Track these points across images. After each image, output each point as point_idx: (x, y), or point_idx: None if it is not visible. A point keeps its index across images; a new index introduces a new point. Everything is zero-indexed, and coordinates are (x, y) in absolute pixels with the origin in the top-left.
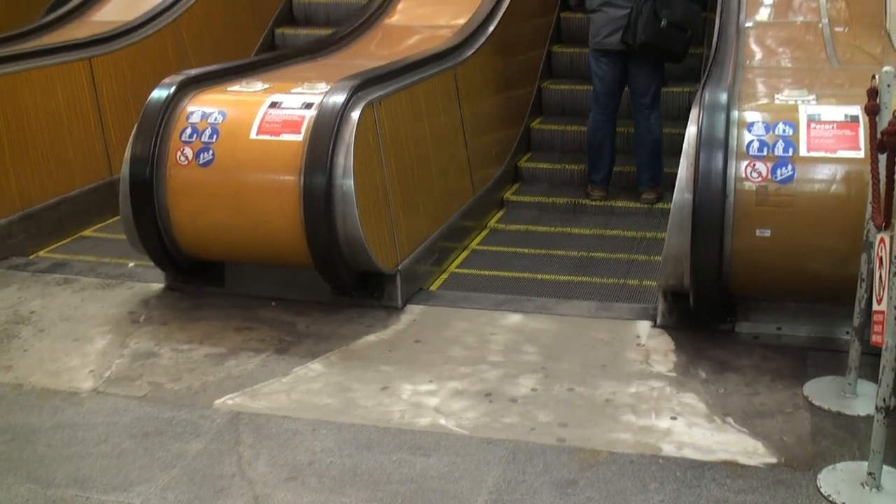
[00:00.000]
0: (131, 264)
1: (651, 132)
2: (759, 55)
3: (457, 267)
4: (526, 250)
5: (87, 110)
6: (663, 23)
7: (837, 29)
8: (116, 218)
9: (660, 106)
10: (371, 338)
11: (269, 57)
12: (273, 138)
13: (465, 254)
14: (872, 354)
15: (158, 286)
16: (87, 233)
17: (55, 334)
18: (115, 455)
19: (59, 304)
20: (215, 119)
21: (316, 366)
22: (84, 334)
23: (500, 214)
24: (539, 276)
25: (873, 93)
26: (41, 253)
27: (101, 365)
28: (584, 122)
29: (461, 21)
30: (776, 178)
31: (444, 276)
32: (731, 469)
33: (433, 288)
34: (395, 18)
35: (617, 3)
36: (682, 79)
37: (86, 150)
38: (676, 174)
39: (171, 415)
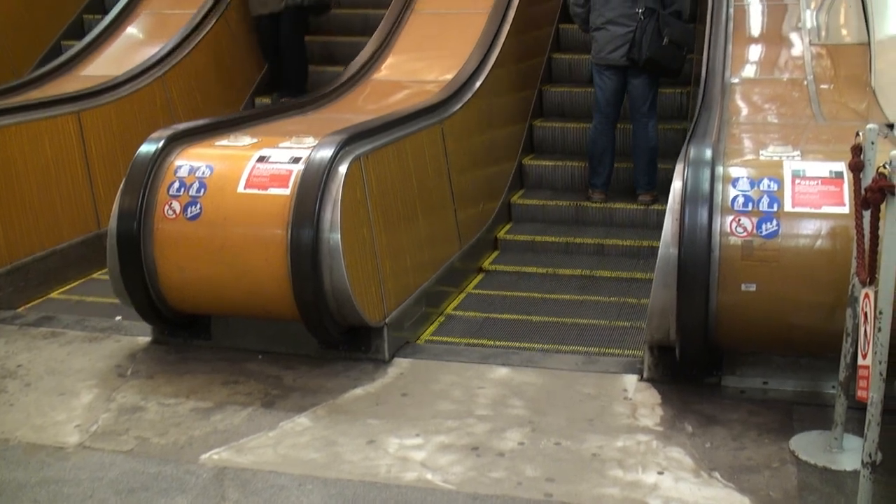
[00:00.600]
0: (118, 318)
1: (648, 139)
2: (744, 111)
3: (453, 309)
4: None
5: (76, 163)
6: (665, 40)
7: (823, 86)
8: (104, 271)
9: (656, 114)
10: (358, 391)
11: (257, 111)
12: (261, 192)
13: (461, 296)
14: (858, 409)
15: (145, 340)
16: (74, 286)
17: (42, 388)
18: None
19: (46, 358)
20: (203, 173)
21: (302, 420)
22: (70, 388)
23: (494, 255)
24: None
25: (857, 150)
26: (28, 306)
27: (87, 419)
28: (575, 160)
29: (448, 76)
30: (761, 233)
31: (433, 326)
32: None
33: (423, 337)
34: (383, 73)
35: (620, 21)
36: (672, 83)
37: (74, 203)
38: (668, 174)
39: (157, 470)
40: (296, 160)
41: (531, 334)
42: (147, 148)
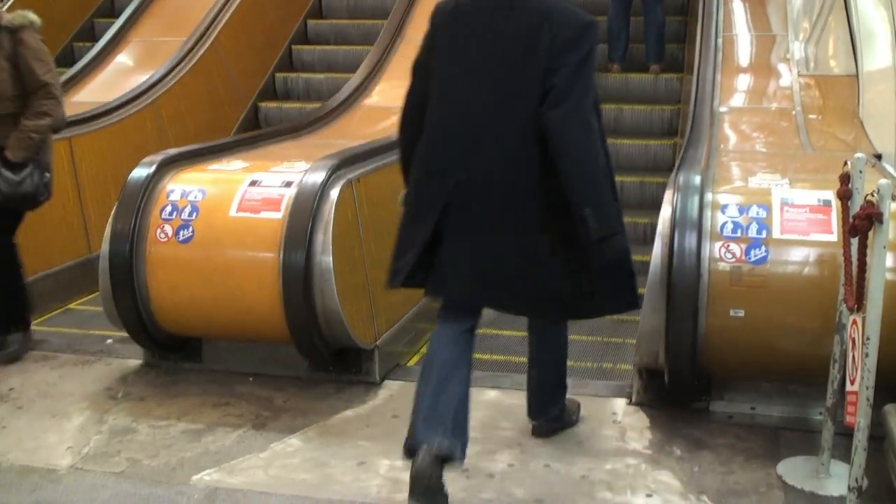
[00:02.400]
0: (109, 341)
1: (657, 19)
2: (733, 140)
3: None
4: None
5: (67, 189)
6: None
7: (811, 116)
8: (95, 295)
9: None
10: (349, 413)
11: (249, 136)
12: (253, 216)
13: None
14: (845, 435)
15: (136, 362)
16: (65, 310)
17: (34, 411)
18: None
19: (38, 381)
20: (195, 197)
21: (293, 441)
22: (62, 411)
23: None
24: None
25: (846, 178)
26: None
27: (79, 441)
28: None
29: None
30: (750, 259)
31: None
32: None
33: (414, 359)
34: (374, 99)
35: None
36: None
37: (65, 227)
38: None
39: (149, 491)
40: (288, 184)
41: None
42: (139, 172)
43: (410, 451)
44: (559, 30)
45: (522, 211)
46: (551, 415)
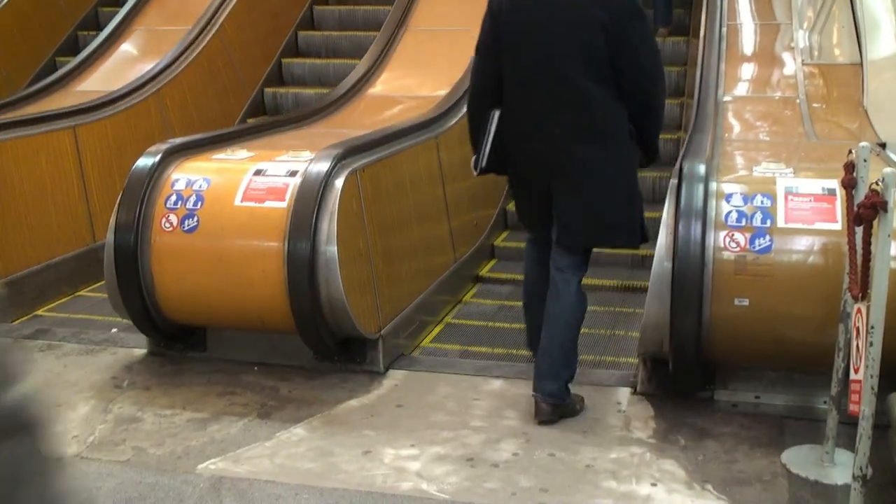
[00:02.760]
0: (114, 330)
1: None
2: (737, 129)
3: (430, 341)
4: (501, 324)
5: (71, 178)
6: None
7: (815, 105)
8: (99, 284)
9: None
10: (353, 402)
11: (254, 125)
12: (257, 205)
13: (439, 328)
14: (850, 424)
15: (141, 352)
16: (69, 299)
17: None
18: None
19: (42, 370)
20: (200, 186)
21: (299, 430)
22: (67, 400)
23: (491, 263)
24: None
25: (850, 167)
26: (24, 319)
27: (84, 430)
28: None
29: (443, 91)
30: (754, 248)
31: (430, 336)
32: None
33: (420, 346)
34: (379, 88)
35: None
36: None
37: (69, 216)
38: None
39: (155, 480)
40: (292, 173)
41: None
42: (144, 161)
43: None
44: (615, 5)
45: (588, 163)
46: (562, 378)
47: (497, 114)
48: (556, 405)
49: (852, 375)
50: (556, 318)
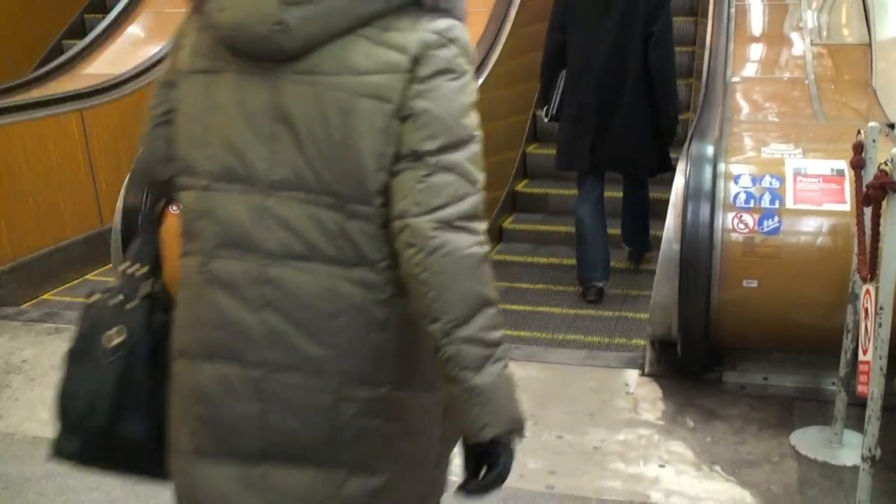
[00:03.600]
0: None
1: None
2: (745, 110)
3: None
4: (510, 307)
5: (78, 161)
6: None
7: (824, 85)
8: (107, 267)
9: None
10: None
11: None
12: None
13: None
14: (858, 405)
15: None
16: (77, 282)
17: (46, 383)
18: (107, 502)
19: (50, 353)
20: None
21: None
22: None
23: (497, 246)
24: (522, 334)
25: (859, 147)
26: (32, 302)
27: None
28: (568, 187)
29: None
30: (763, 229)
31: None
32: None
33: None
34: None
35: None
36: None
37: (76, 200)
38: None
39: None
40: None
41: (536, 325)
42: None
43: (582, 282)
44: None
45: (637, 111)
46: (640, 240)
47: (564, 74)
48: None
49: (861, 357)
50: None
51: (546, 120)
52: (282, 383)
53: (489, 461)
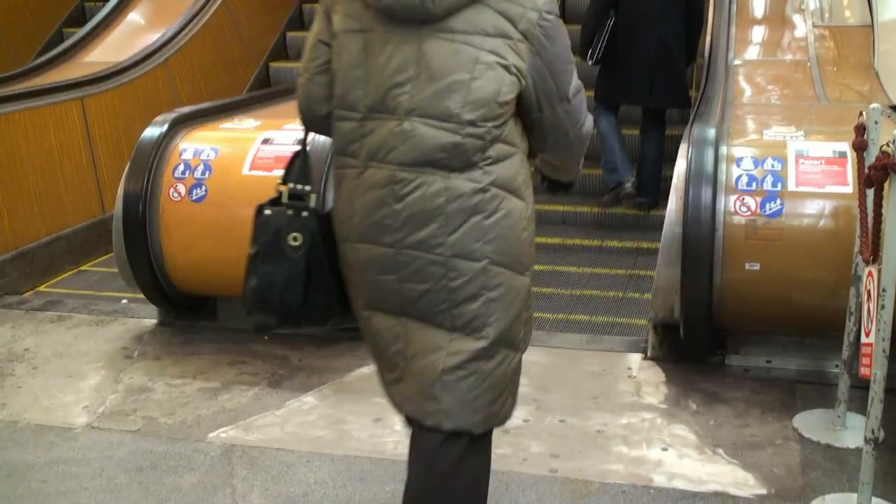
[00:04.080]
0: (124, 301)
1: None
2: (747, 92)
3: None
4: None
5: (80, 149)
6: None
7: (826, 68)
8: (109, 255)
9: None
10: (364, 370)
11: (261, 94)
12: (266, 174)
13: None
14: (861, 387)
15: (151, 322)
16: (79, 270)
17: (49, 371)
18: (110, 490)
19: (53, 342)
20: (208, 156)
21: (309, 399)
22: (78, 370)
23: None
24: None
25: (861, 129)
26: (34, 291)
27: (94, 400)
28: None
29: None
30: (765, 212)
31: None
32: (721, 500)
33: None
34: None
35: None
36: None
37: (78, 188)
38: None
39: (165, 449)
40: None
41: (541, 305)
42: (151, 131)
43: (614, 185)
44: None
45: (675, 53)
46: (654, 190)
47: (612, 20)
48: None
49: (864, 339)
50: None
51: (590, 63)
52: (409, 257)
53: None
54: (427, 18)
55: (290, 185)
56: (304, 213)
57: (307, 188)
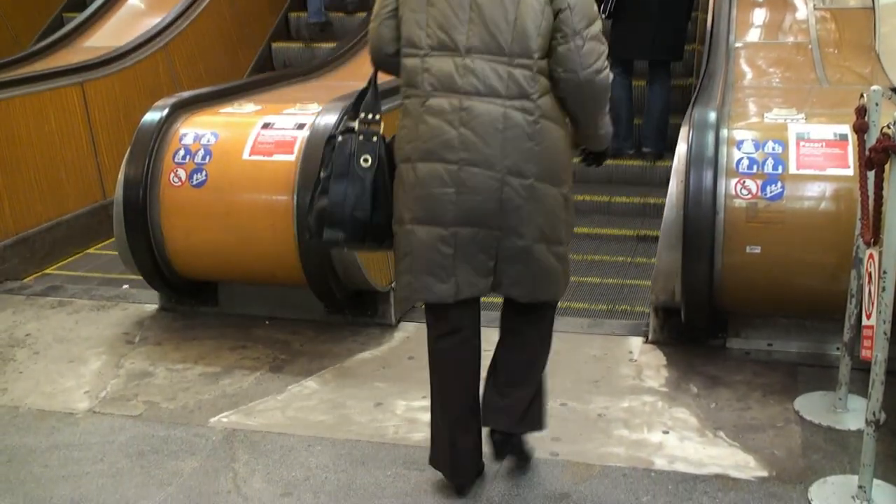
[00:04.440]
0: (125, 286)
1: None
2: (748, 75)
3: None
4: None
5: (80, 134)
6: None
7: (827, 50)
8: (110, 240)
9: None
10: (365, 355)
11: (261, 79)
12: (266, 159)
13: None
14: (862, 370)
15: (152, 307)
16: (80, 256)
17: (50, 356)
18: (112, 474)
19: (54, 327)
20: (208, 140)
21: (310, 383)
22: (79, 356)
23: None
24: None
25: (861, 111)
26: (35, 276)
27: (96, 385)
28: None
29: None
30: (766, 195)
31: None
32: (722, 482)
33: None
34: None
35: None
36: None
37: (79, 173)
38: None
39: (167, 433)
40: (300, 126)
41: None
42: (151, 116)
43: (613, 153)
44: None
45: (674, 9)
46: (659, 141)
47: None
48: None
49: (864, 321)
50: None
51: (603, 17)
52: (468, 173)
53: (597, 159)
54: None
55: (363, 114)
56: (374, 139)
57: (377, 117)
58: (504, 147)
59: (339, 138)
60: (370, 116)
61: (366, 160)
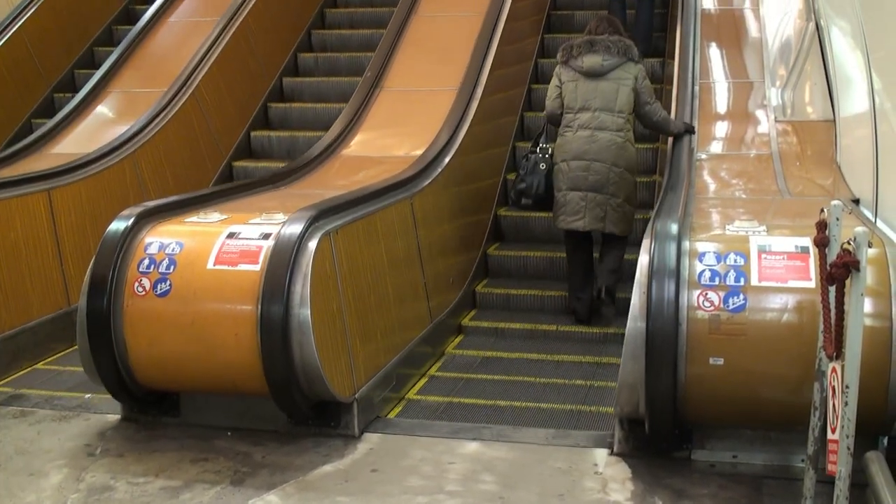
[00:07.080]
0: (88, 396)
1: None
2: (710, 186)
3: (415, 394)
4: (484, 376)
5: (46, 241)
6: None
7: (789, 162)
8: (74, 348)
9: None
10: (327, 468)
11: (228, 187)
12: (230, 268)
13: (423, 381)
14: (828, 482)
15: (115, 417)
16: (43, 364)
17: (10, 469)
18: None
19: (15, 437)
20: (173, 250)
21: (272, 498)
22: (40, 469)
23: (458, 340)
24: (499, 403)
25: (823, 225)
26: None
27: (56, 500)
28: (541, 249)
29: (418, 152)
30: (728, 307)
31: (404, 402)
32: None
33: (392, 414)
34: (353, 149)
35: None
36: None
37: (43, 280)
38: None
39: None
40: (266, 236)
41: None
42: (117, 225)
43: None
44: None
45: None
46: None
47: None
48: None
49: (829, 435)
50: None
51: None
52: (596, 165)
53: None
54: (601, 73)
55: (541, 144)
56: (546, 155)
57: (547, 146)
58: (610, 153)
59: (531, 155)
60: (544, 146)
61: (542, 166)
